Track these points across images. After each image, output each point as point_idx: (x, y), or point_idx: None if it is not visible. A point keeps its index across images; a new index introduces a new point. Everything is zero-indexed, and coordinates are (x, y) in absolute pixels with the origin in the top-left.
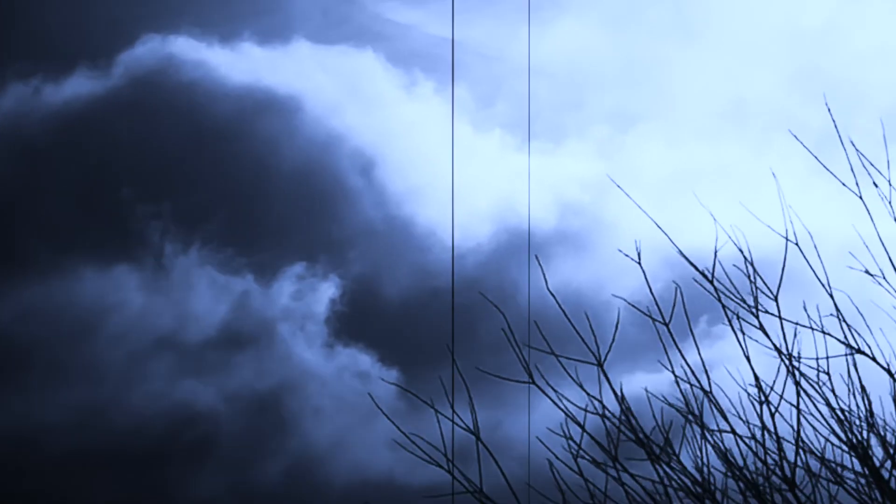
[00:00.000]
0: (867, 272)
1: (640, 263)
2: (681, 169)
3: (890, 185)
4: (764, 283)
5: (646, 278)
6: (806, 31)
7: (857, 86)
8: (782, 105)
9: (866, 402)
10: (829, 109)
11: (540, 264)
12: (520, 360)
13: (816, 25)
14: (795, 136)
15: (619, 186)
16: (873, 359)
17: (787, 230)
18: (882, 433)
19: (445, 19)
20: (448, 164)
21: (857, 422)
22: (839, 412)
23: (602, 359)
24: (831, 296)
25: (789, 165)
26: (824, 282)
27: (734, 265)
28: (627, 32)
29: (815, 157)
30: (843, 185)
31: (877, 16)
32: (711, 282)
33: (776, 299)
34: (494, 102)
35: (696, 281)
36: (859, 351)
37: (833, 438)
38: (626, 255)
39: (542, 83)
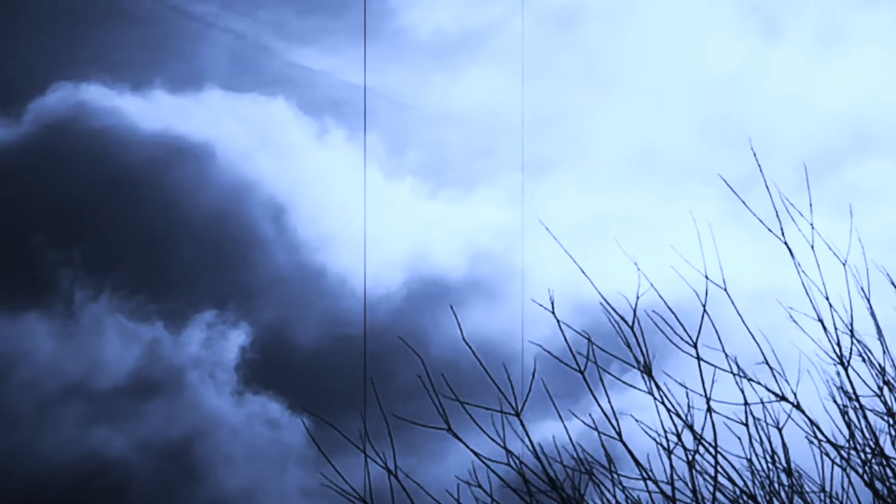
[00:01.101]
0: (791, 317)
1: (553, 312)
2: (593, 216)
3: (812, 228)
4: (683, 327)
5: (560, 327)
6: (716, 78)
7: (768, 133)
8: (693, 152)
9: (784, 451)
10: (754, 153)
11: (455, 314)
12: (436, 406)
13: (727, 73)
14: (725, 181)
15: (547, 229)
16: (796, 406)
17: (705, 274)
18: (798, 483)
19: (358, 66)
20: (359, 212)
21: (773, 470)
22: (755, 460)
23: (519, 408)
24: (755, 340)
25: (701, 212)
26: (749, 326)
27: (649, 314)
28: (539, 80)
29: (743, 203)
30: (769, 230)
31: (786, 64)
32: (632, 327)
33: (695, 345)
34: (406, 150)
35: (616, 324)
36: (783, 398)
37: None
38: (540, 305)
39: (454, 130)
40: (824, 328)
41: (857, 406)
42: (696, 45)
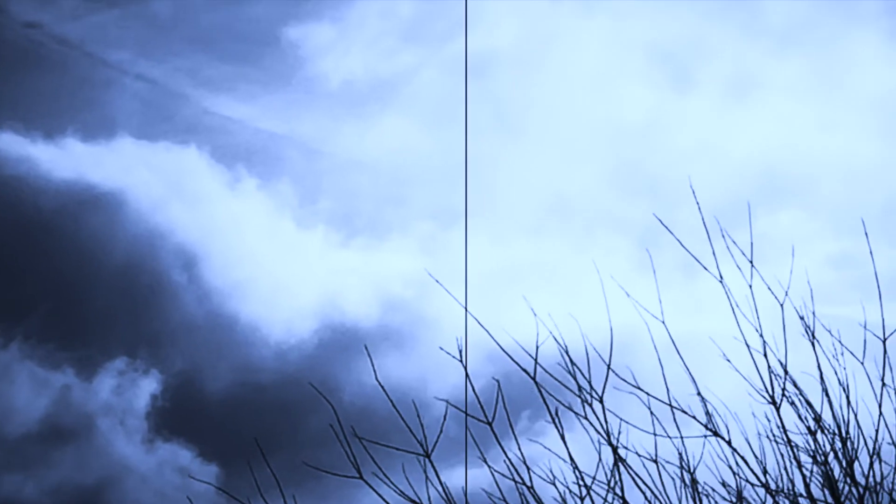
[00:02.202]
0: (726, 358)
1: (461, 361)
2: (505, 265)
3: (752, 265)
4: (587, 380)
5: (467, 377)
6: (627, 127)
7: (680, 181)
8: (605, 201)
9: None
10: (693, 192)
11: (369, 355)
12: (346, 454)
13: (638, 122)
14: (661, 221)
15: (438, 282)
16: (728, 442)
17: (609, 319)
18: None
19: (272, 114)
20: (271, 260)
21: None
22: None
23: (430, 450)
24: (692, 378)
25: (613, 260)
26: (668, 367)
27: (558, 362)
28: (449, 127)
29: (679, 241)
30: (705, 268)
31: (697, 113)
32: (534, 378)
33: (601, 400)
34: (318, 198)
35: (526, 373)
36: (716, 433)
37: None
38: (448, 353)
39: (366, 178)
40: (757, 368)
41: (787, 446)
42: (607, 94)
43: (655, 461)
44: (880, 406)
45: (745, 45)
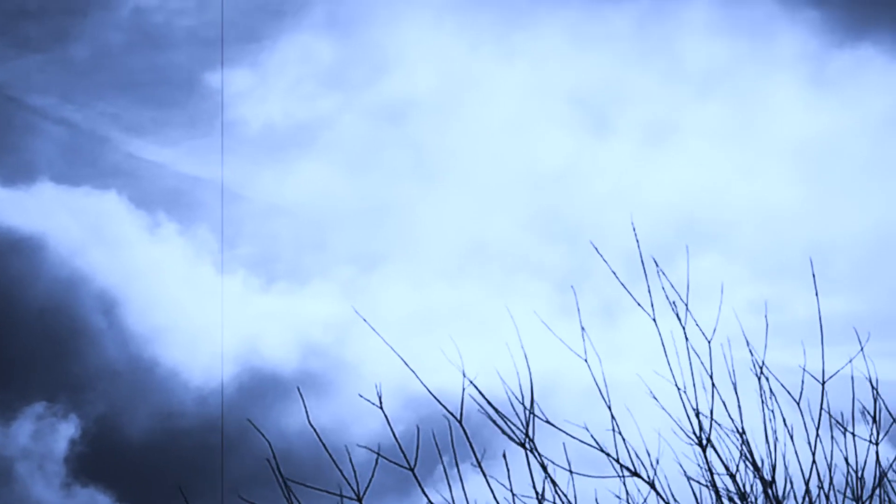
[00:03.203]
0: (653, 396)
1: (381, 407)
2: (424, 308)
3: (686, 307)
4: (509, 423)
5: (388, 422)
6: (546, 173)
7: (596, 227)
8: (524, 246)
9: None
10: (634, 228)
11: (302, 398)
12: (283, 492)
13: (557, 167)
14: (597, 250)
15: (367, 323)
16: (650, 483)
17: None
18: None
19: (194, 158)
20: (191, 305)
21: None
22: None
23: (361, 494)
24: (612, 417)
25: (533, 304)
26: (596, 406)
27: (479, 410)
28: (369, 173)
29: (615, 274)
30: (642, 308)
31: (615, 158)
32: (460, 421)
33: (528, 442)
34: (238, 243)
35: (452, 415)
36: (635, 473)
37: None
38: (367, 400)
39: (286, 223)
40: (685, 408)
41: (712, 489)
42: (526, 140)
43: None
44: (814, 454)
45: (664, 91)
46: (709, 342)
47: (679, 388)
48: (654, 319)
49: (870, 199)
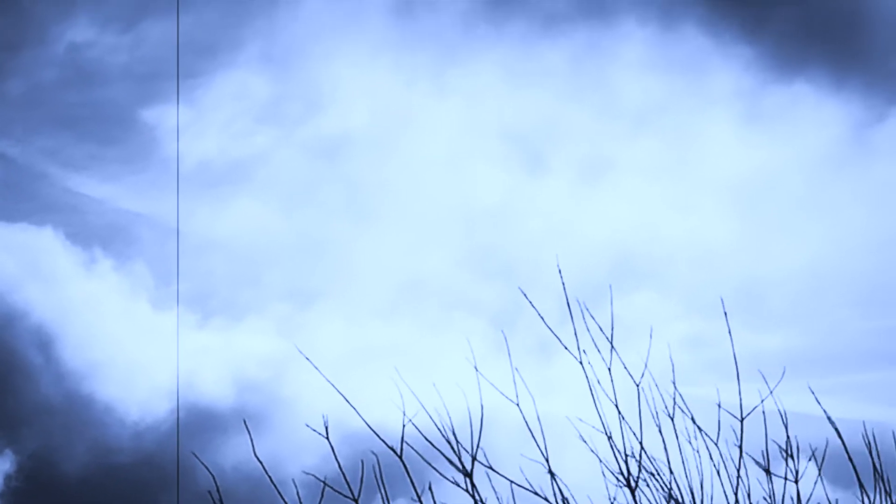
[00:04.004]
0: (582, 439)
1: (327, 438)
2: (360, 345)
3: (612, 348)
4: (448, 458)
5: (333, 452)
6: (482, 209)
7: (531, 263)
8: (460, 283)
9: None
10: (560, 271)
11: (247, 428)
12: None
13: (492, 204)
14: (525, 295)
15: (308, 360)
16: None
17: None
18: None
19: (130, 194)
20: (127, 341)
21: None
22: None
23: None
24: (546, 458)
25: (468, 341)
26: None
27: (415, 446)
28: (304, 210)
29: (550, 329)
30: (568, 350)
31: (551, 195)
32: (400, 456)
33: (465, 481)
34: (174, 279)
35: (392, 450)
36: None
37: None
38: (314, 430)
39: (222, 259)
40: (613, 449)
41: None
42: (461, 176)
43: None
44: (736, 491)
45: (599, 128)
46: (637, 385)
47: (606, 434)
48: (581, 362)
49: (804, 235)
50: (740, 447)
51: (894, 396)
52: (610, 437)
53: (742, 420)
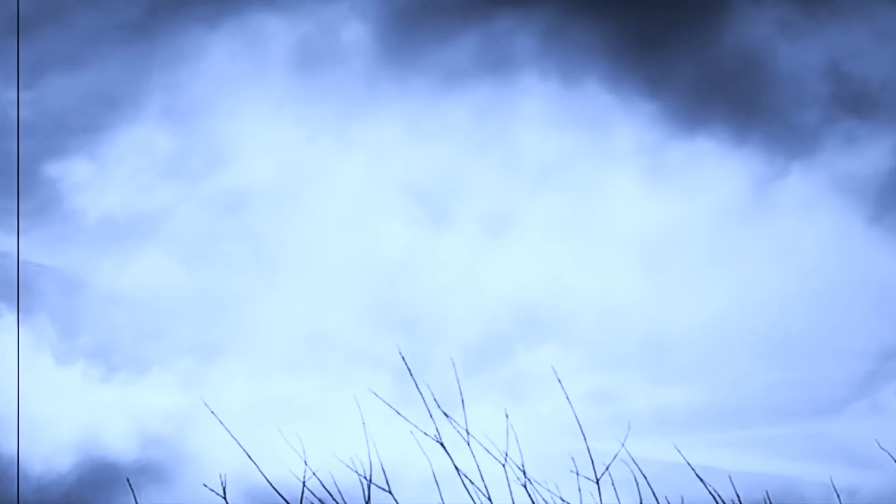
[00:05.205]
0: None
1: (224, 497)
2: (264, 399)
3: (468, 433)
4: None
5: None
6: (385, 263)
7: (436, 319)
8: (362, 337)
9: None
10: (403, 357)
11: (132, 489)
12: None
13: (395, 258)
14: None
15: (214, 414)
16: None
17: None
18: None
19: (32, 247)
20: (30, 396)
21: None
22: None
23: None
24: None
25: (372, 397)
26: None
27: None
28: (208, 264)
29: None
30: (424, 433)
31: (454, 250)
32: None
33: None
34: (78, 333)
35: None
36: None
37: None
38: (211, 490)
39: (125, 313)
40: None
41: None
42: (364, 231)
43: None
44: None
45: (503, 183)
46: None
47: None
48: (441, 443)
49: (708, 289)
50: None
51: (795, 451)
52: None
53: (598, 481)
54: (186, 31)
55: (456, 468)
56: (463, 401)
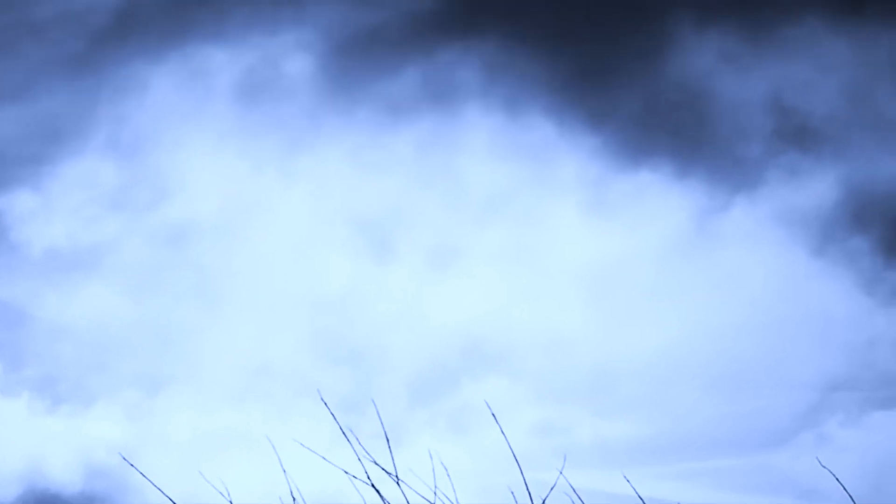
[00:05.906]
0: None
1: None
2: (209, 431)
3: (398, 480)
4: None
5: None
6: (328, 295)
7: (381, 350)
8: (306, 368)
9: None
10: (325, 403)
11: None
12: None
13: (339, 290)
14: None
15: (135, 468)
16: None
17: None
18: None
19: None
20: None
21: None
22: None
23: None
24: None
25: (317, 428)
26: None
27: None
28: (153, 296)
29: (326, 459)
30: (354, 476)
31: (398, 282)
32: None
33: None
34: (23, 365)
35: None
36: None
37: None
38: None
39: (70, 345)
40: None
41: None
42: (308, 263)
43: None
44: None
45: (447, 216)
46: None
47: None
48: (373, 485)
49: (653, 321)
50: None
51: (741, 483)
52: None
53: None
54: (131, 64)
55: None
56: (388, 441)
